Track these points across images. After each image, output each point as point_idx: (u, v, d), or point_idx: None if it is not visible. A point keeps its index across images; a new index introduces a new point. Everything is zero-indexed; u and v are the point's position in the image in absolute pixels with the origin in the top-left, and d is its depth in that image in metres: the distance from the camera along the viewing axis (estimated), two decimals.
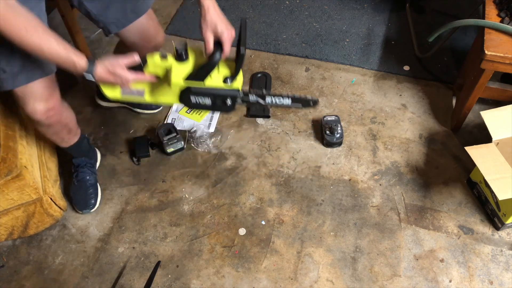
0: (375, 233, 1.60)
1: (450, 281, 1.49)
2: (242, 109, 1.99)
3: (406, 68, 2.12)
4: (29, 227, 1.58)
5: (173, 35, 2.32)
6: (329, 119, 1.85)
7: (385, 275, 1.50)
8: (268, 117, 1.96)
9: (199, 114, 1.97)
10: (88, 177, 1.71)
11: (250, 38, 2.30)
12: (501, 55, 1.46)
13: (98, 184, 1.74)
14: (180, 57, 1.20)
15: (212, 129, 1.92)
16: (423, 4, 2.39)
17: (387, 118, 1.94)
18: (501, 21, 1.53)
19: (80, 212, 1.69)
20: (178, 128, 1.87)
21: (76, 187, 1.70)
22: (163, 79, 1.25)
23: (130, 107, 1.99)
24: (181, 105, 2.00)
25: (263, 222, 1.65)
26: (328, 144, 1.83)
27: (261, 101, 1.30)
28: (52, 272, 1.56)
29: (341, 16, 2.40)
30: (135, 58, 1.19)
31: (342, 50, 2.22)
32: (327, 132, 1.82)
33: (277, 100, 1.31)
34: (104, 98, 1.97)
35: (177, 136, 1.80)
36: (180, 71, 1.21)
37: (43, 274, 1.56)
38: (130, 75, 1.19)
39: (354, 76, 2.11)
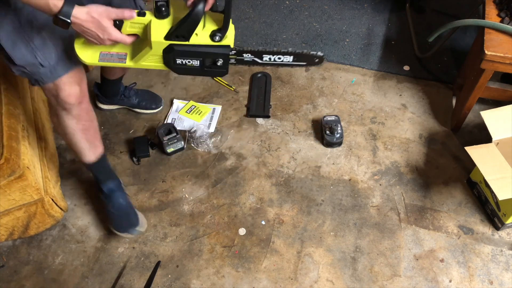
0: (375, 233, 1.60)
1: (450, 281, 1.49)
2: (242, 109, 2.00)
3: (406, 68, 2.12)
4: (29, 227, 1.58)
5: None
6: (329, 119, 1.85)
7: (385, 275, 1.50)
8: (268, 117, 1.96)
9: (199, 114, 1.97)
10: (122, 201, 1.59)
11: (250, 38, 2.30)
12: (501, 55, 1.46)
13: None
14: (160, 12, 1.04)
15: (212, 129, 1.92)
16: (423, 4, 2.39)
17: (387, 118, 1.94)
18: (501, 21, 1.53)
19: (130, 234, 1.58)
20: (178, 128, 1.87)
21: (115, 215, 1.58)
22: (142, 40, 1.10)
23: (130, 108, 1.99)
24: (179, 106, 1.96)
25: (263, 222, 1.65)
26: (328, 144, 1.83)
27: (257, 59, 1.16)
28: (52, 272, 1.56)
29: (341, 16, 2.40)
30: (132, 14, 1.05)
31: (342, 50, 2.22)
32: (327, 132, 1.82)
33: (276, 58, 1.16)
34: (104, 101, 1.97)
35: (177, 136, 1.80)
36: (161, 28, 1.05)
37: (43, 274, 1.56)
38: (114, 32, 1.05)
39: (354, 76, 2.11)
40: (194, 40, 1.07)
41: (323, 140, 1.85)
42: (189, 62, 1.10)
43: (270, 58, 1.16)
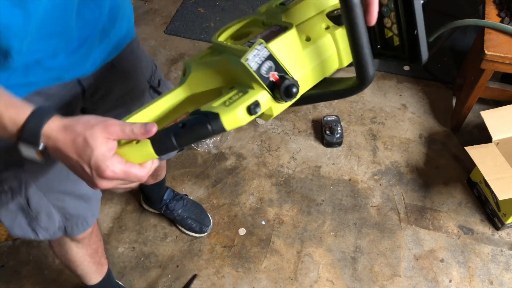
0: (375, 233, 1.60)
1: (450, 281, 1.49)
2: None
3: (406, 68, 2.12)
4: None
5: (173, 35, 2.32)
6: (329, 119, 1.85)
7: (385, 275, 1.50)
8: None
9: None
10: None
11: None
12: (501, 55, 1.46)
13: None
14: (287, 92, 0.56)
15: None
16: (423, 4, 2.39)
17: (387, 118, 1.94)
18: (501, 21, 1.53)
19: None
20: None
21: None
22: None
23: (172, 221, 1.69)
24: None
25: (263, 222, 1.65)
26: (328, 144, 1.83)
27: None
28: (52, 272, 1.56)
29: None
30: (152, 129, 0.56)
31: None
32: (327, 132, 1.82)
33: None
34: (148, 202, 1.66)
35: None
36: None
37: (43, 274, 1.56)
38: (118, 165, 0.56)
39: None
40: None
41: (323, 140, 1.85)
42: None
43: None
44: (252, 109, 0.55)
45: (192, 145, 1.86)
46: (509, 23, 1.51)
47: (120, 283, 1.46)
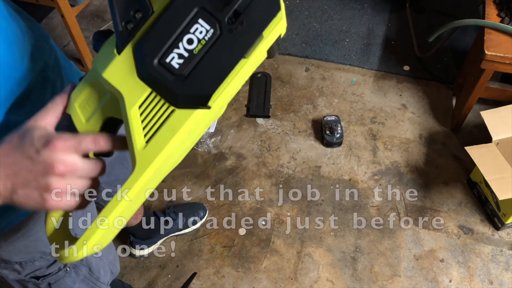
0: (375, 233, 1.60)
1: (450, 281, 1.49)
2: (242, 109, 1.99)
3: (406, 68, 2.12)
4: None
5: None
6: (329, 119, 1.85)
7: (385, 275, 1.50)
8: (268, 117, 1.96)
9: None
10: None
11: None
12: (501, 55, 1.46)
13: None
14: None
15: (212, 129, 1.92)
16: (423, 4, 2.39)
17: (387, 118, 1.94)
18: (501, 21, 1.53)
19: None
20: None
21: None
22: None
23: (177, 235, 1.65)
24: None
25: (263, 222, 1.65)
26: (328, 144, 1.83)
27: None
28: None
29: (341, 16, 2.40)
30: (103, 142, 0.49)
31: (342, 50, 2.22)
32: (327, 132, 1.82)
33: None
34: (143, 244, 1.57)
35: None
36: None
37: None
38: (80, 162, 0.47)
39: (354, 76, 2.11)
40: None
41: (323, 140, 1.85)
42: (191, 43, 0.45)
43: None
44: None
45: None
46: (509, 23, 1.51)
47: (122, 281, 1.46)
